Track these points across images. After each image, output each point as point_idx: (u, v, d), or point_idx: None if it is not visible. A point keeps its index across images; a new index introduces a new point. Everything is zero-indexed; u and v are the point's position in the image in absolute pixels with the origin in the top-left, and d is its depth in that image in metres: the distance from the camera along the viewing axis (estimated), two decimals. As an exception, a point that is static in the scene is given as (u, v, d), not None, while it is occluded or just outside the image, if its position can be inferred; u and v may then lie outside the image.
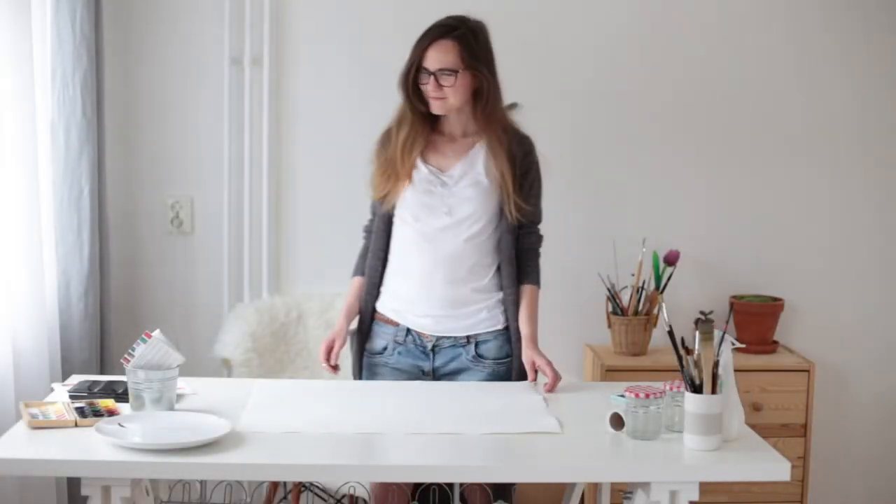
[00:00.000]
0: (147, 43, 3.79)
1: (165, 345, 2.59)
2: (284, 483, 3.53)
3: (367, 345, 3.07)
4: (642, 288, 3.77)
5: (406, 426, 2.56)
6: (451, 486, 2.83)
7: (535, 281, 3.02)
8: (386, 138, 3.04)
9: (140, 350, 2.57)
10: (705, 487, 2.40)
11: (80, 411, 2.52)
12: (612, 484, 3.01)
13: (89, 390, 2.72)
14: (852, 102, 3.93)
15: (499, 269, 3.00)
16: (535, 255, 3.06)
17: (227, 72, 3.79)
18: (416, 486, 2.89)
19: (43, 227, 3.29)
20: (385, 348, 3.03)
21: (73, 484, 3.29)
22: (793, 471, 2.45)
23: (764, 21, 3.90)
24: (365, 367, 3.08)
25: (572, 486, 2.96)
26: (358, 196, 3.84)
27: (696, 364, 2.43)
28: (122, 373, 2.64)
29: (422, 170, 2.97)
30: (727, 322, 2.61)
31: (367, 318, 3.07)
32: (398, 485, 2.81)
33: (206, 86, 3.81)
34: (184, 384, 2.76)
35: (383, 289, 3.05)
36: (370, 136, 3.83)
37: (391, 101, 3.81)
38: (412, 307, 3.00)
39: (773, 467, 2.40)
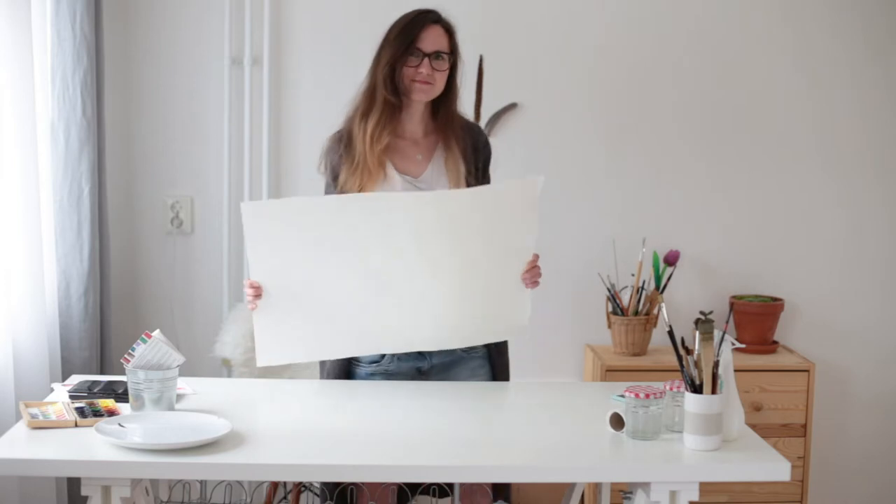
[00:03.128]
0: (147, 43, 3.79)
1: (165, 345, 2.59)
2: (284, 483, 3.53)
3: (356, 358, 2.94)
4: (642, 288, 3.77)
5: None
6: (450, 485, 2.83)
7: None
8: (339, 139, 2.92)
9: (140, 350, 2.57)
10: (705, 487, 2.40)
11: (80, 411, 2.53)
12: (612, 484, 3.01)
13: (89, 390, 2.72)
14: (853, 103, 3.93)
15: None
16: None
17: (227, 72, 3.80)
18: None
19: (43, 227, 3.29)
20: (383, 356, 2.92)
21: (73, 484, 3.29)
22: (793, 471, 2.45)
23: (766, 22, 3.90)
24: (358, 377, 2.95)
25: (572, 486, 2.96)
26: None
27: (696, 364, 2.43)
28: (122, 373, 2.64)
29: (395, 179, 2.86)
30: (727, 322, 2.61)
31: None
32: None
33: (206, 86, 3.81)
34: (184, 384, 2.77)
35: None
36: (370, 136, 3.85)
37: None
38: None
39: (773, 467, 2.40)
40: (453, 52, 2.87)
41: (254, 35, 3.79)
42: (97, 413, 2.53)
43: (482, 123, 3.83)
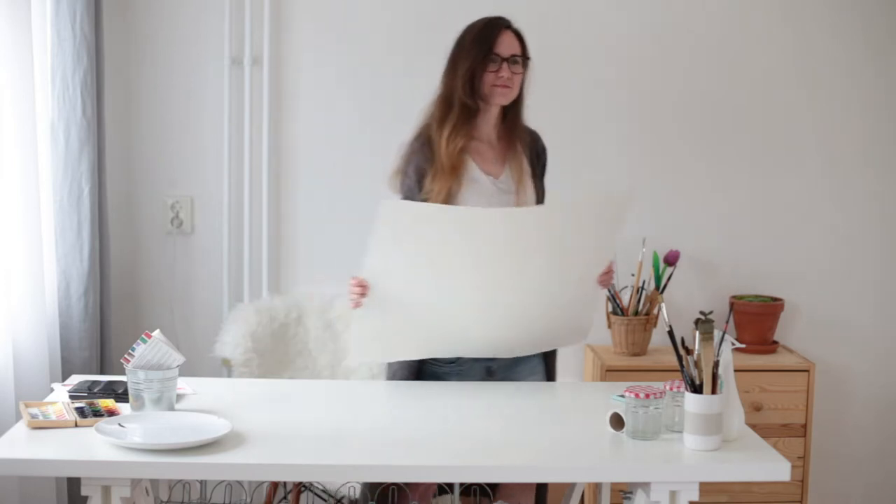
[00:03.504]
0: (147, 43, 3.79)
1: (165, 345, 2.59)
2: (284, 483, 3.53)
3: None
4: (642, 288, 3.77)
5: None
6: (493, 486, 2.84)
7: None
8: (422, 143, 2.94)
9: (140, 350, 2.57)
10: (705, 487, 2.40)
11: (80, 411, 2.53)
12: (612, 484, 3.01)
13: (89, 390, 2.72)
14: (853, 104, 3.93)
15: None
16: None
17: (227, 72, 3.79)
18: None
19: (43, 227, 3.29)
20: (452, 361, 2.96)
21: (73, 484, 3.29)
22: (793, 471, 2.45)
23: (766, 22, 3.90)
24: (430, 377, 2.97)
25: (572, 486, 2.96)
26: (358, 196, 3.86)
27: (696, 364, 2.43)
28: (122, 373, 2.64)
29: (483, 180, 2.92)
30: (727, 322, 2.61)
31: None
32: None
33: (206, 86, 3.81)
34: (184, 384, 2.77)
35: None
36: (370, 135, 3.85)
37: (391, 102, 3.83)
38: None
39: (773, 467, 2.40)
40: (525, 56, 2.97)
41: (254, 35, 3.79)
42: (97, 413, 2.53)
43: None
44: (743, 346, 3.07)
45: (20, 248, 3.18)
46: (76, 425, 2.47)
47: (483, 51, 2.90)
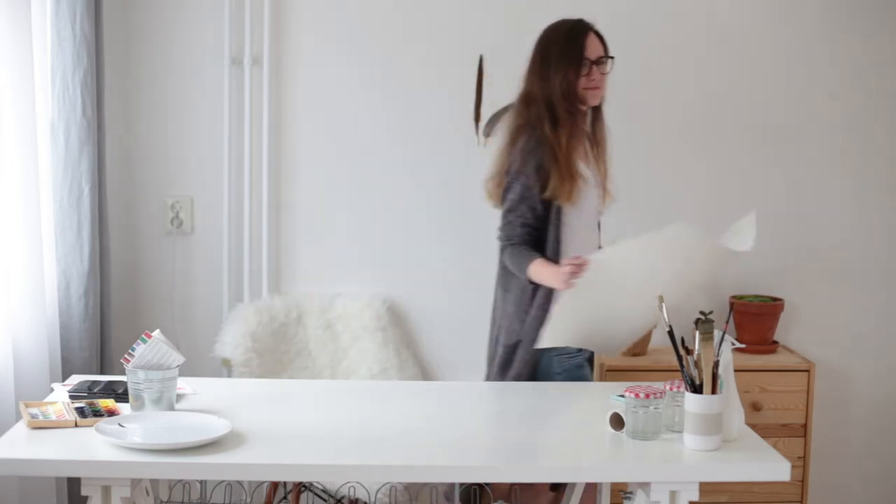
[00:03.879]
0: (147, 43, 3.79)
1: (165, 345, 2.59)
2: (284, 483, 3.54)
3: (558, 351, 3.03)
4: (642, 288, 3.77)
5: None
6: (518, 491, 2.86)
7: None
8: (538, 142, 3.02)
9: (140, 350, 2.57)
10: (705, 487, 2.40)
11: (80, 411, 2.53)
12: (612, 484, 3.01)
13: (89, 390, 2.72)
14: (855, 105, 3.93)
15: None
16: None
17: (227, 72, 3.79)
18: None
19: (43, 227, 3.29)
20: (580, 351, 3.06)
21: (73, 484, 3.29)
22: (793, 471, 2.45)
23: (766, 22, 3.90)
24: (552, 367, 3.06)
25: (572, 486, 2.96)
26: (358, 196, 3.87)
27: (696, 364, 2.43)
28: (122, 373, 2.64)
29: (591, 181, 3.10)
30: (727, 322, 2.61)
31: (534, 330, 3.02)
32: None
33: (206, 86, 3.81)
34: (184, 384, 2.77)
35: None
36: (370, 135, 3.85)
37: (391, 101, 3.84)
38: None
39: (773, 467, 2.40)
40: (608, 55, 3.11)
41: (254, 35, 3.79)
42: (97, 413, 2.53)
43: (482, 123, 3.83)
44: (743, 346, 3.06)
45: (20, 248, 3.18)
46: (76, 425, 2.47)
47: (574, 58, 3.04)
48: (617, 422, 2.51)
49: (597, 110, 3.16)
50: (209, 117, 3.82)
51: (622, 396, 2.57)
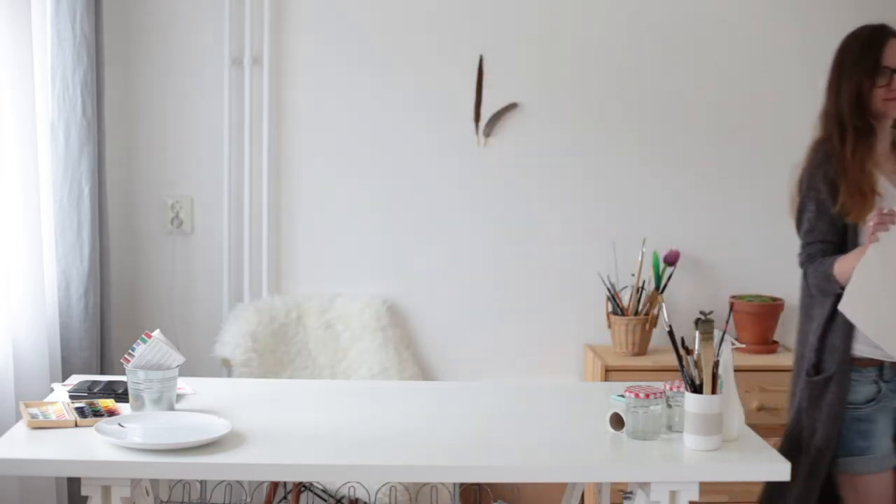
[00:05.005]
0: (147, 43, 3.79)
1: (165, 345, 2.59)
2: (284, 483, 3.54)
3: (845, 396, 2.78)
4: (642, 288, 3.77)
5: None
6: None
7: None
8: (826, 156, 2.82)
9: (140, 350, 2.57)
10: (705, 487, 2.40)
11: (80, 411, 2.53)
12: (612, 484, 3.01)
13: (89, 390, 2.72)
14: (852, 102, 3.93)
15: None
16: None
17: (227, 72, 3.79)
18: None
19: (43, 227, 3.29)
20: (872, 399, 2.79)
21: (73, 484, 3.29)
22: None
23: (766, 22, 3.90)
24: (847, 420, 2.79)
25: (572, 486, 2.96)
26: (358, 196, 3.87)
27: (696, 364, 2.43)
28: (122, 373, 2.64)
29: (890, 191, 2.77)
30: (727, 322, 2.61)
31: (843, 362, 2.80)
32: None
33: (206, 86, 3.81)
34: (184, 384, 2.77)
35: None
36: (370, 135, 3.85)
37: (391, 101, 3.84)
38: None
39: (773, 467, 2.40)
40: None
41: (254, 35, 3.79)
42: (97, 413, 2.53)
43: (482, 123, 3.83)
44: (743, 346, 3.09)
45: (20, 248, 3.18)
46: (76, 425, 2.47)
47: (869, 66, 2.76)
48: (617, 422, 2.51)
49: None
50: (209, 117, 3.82)
51: (622, 396, 2.57)
